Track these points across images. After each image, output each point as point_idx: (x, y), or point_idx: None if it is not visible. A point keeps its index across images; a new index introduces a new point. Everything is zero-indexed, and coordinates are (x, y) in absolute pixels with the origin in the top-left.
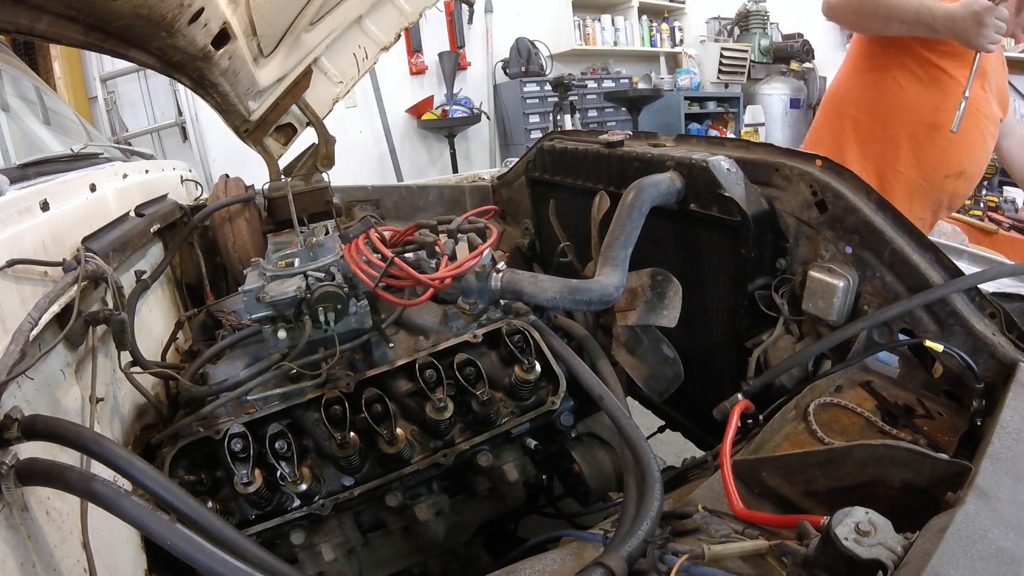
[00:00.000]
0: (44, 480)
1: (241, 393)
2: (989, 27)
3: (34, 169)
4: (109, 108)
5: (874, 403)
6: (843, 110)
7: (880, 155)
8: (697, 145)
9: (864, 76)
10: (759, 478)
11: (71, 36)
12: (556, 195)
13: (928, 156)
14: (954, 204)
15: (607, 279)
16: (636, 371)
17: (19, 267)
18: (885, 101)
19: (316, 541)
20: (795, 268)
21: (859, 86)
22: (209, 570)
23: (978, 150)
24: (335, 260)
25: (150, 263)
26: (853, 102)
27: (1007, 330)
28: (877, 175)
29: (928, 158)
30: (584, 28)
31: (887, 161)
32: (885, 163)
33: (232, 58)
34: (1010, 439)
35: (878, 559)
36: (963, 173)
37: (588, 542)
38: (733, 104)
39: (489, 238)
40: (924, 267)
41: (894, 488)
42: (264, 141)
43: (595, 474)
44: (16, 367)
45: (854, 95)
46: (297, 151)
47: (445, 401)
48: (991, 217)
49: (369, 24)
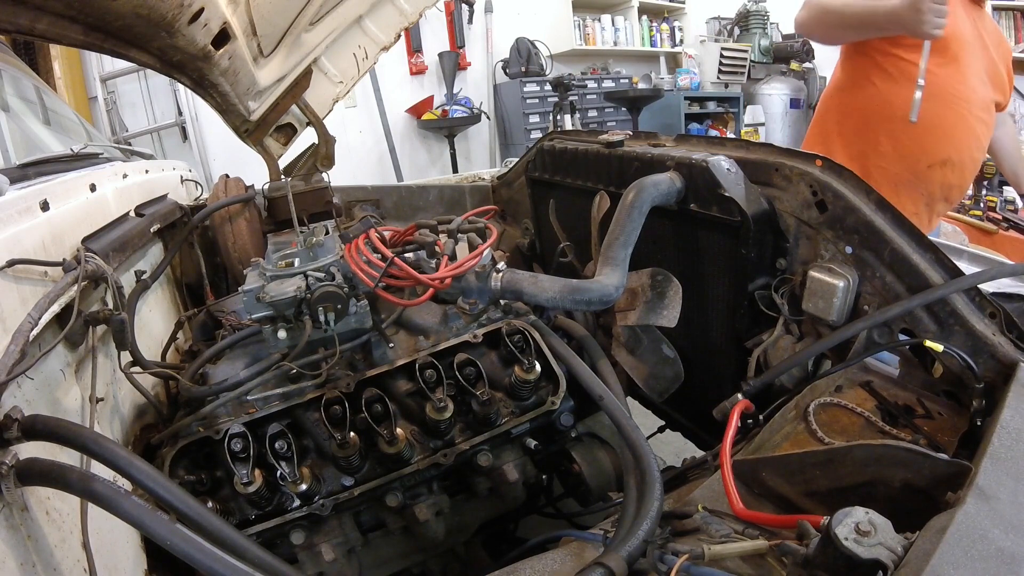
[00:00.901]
0: (44, 480)
1: (241, 393)
2: (927, 12)
3: (34, 169)
4: (109, 108)
5: (874, 403)
6: (828, 114)
7: (863, 153)
8: (697, 145)
9: (843, 78)
10: (759, 478)
11: (71, 36)
12: (556, 195)
13: (907, 148)
14: (950, 196)
15: (607, 279)
16: (636, 371)
17: (19, 267)
18: (861, 100)
19: (316, 541)
20: (795, 268)
21: (839, 90)
22: (209, 570)
23: (961, 136)
24: (335, 260)
25: (150, 263)
26: (835, 106)
27: (1007, 330)
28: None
29: (908, 150)
30: (584, 28)
31: (870, 158)
32: (869, 160)
33: (232, 58)
34: (1010, 439)
35: (878, 559)
36: (947, 161)
37: (588, 542)
38: (733, 104)
39: (489, 238)
40: (924, 267)
41: (894, 488)
42: (264, 141)
43: (595, 474)
44: (16, 367)
45: (836, 99)
46: (297, 151)
47: (445, 401)
48: (991, 217)
49: (369, 24)
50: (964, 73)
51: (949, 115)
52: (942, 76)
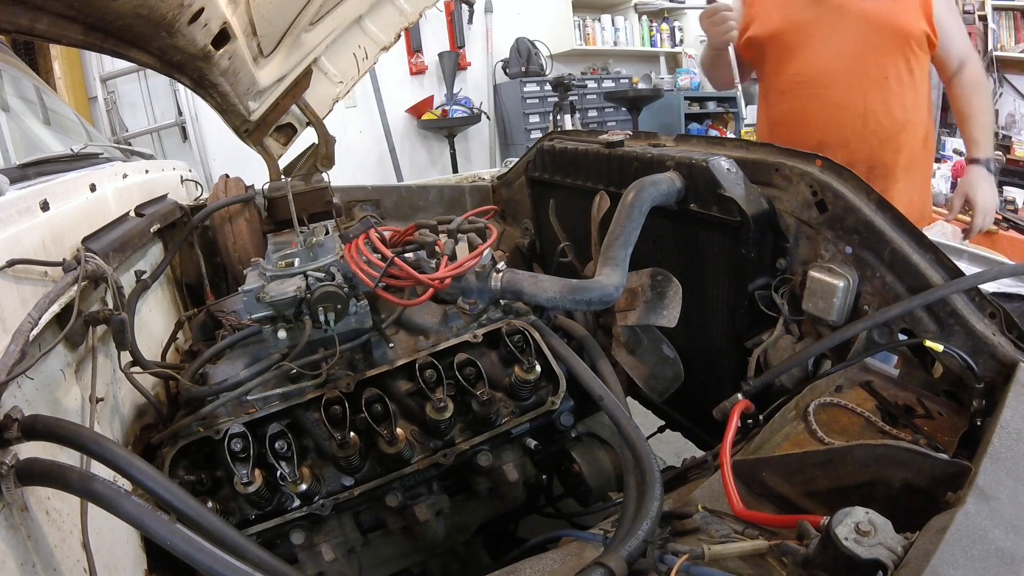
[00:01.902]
0: (44, 480)
1: (241, 393)
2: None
3: (34, 169)
4: (109, 108)
5: (874, 403)
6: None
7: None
8: (697, 145)
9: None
10: (759, 478)
11: (71, 36)
12: (556, 195)
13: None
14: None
15: (607, 279)
16: (636, 371)
17: (19, 267)
18: (761, 122)
19: (316, 541)
20: (795, 268)
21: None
22: (209, 570)
23: (828, 116)
24: (335, 260)
25: (150, 263)
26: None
27: (1007, 330)
28: None
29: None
30: (584, 28)
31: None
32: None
33: (232, 58)
34: (1010, 439)
35: (878, 559)
36: (823, 144)
37: (588, 542)
38: (733, 104)
39: (489, 238)
40: (924, 267)
41: (894, 488)
42: (264, 141)
43: (595, 474)
44: (16, 367)
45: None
46: (297, 151)
47: (445, 401)
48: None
49: (369, 24)
50: (810, 57)
51: (799, 104)
52: (786, 69)
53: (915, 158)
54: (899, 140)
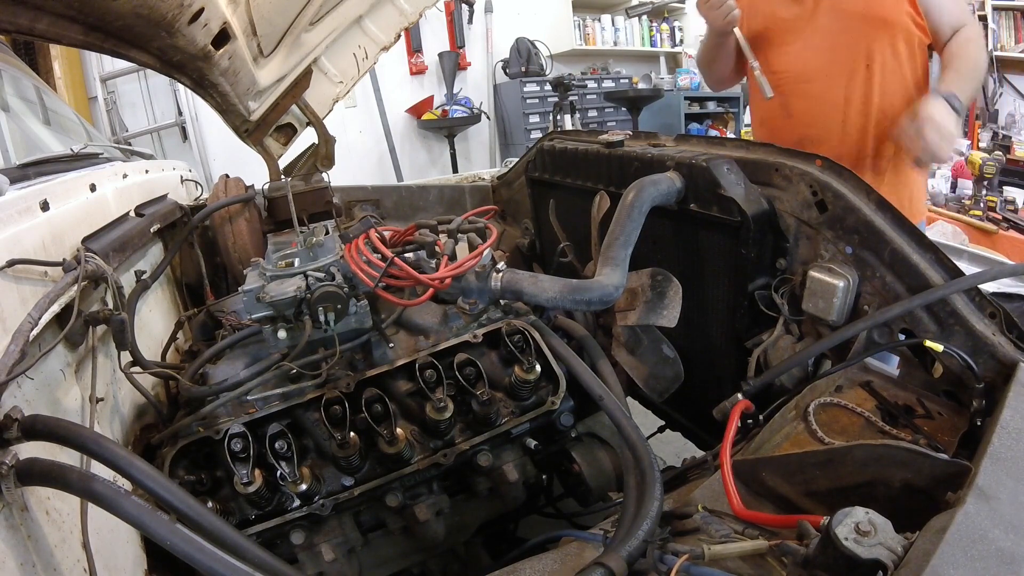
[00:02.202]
0: (44, 480)
1: (241, 393)
2: (707, 10)
3: (34, 169)
4: (109, 108)
5: (874, 403)
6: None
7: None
8: (697, 145)
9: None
10: (759, 478)
11: (71, 36)
12: (556, 195)
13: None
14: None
15: (607, 279)
16: (636, 371)
17: (19, 267)
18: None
19: (316, 541)
20: (795, 268)
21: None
22: (209, 570)
23: (811, 113)
24: (335, 260)
25: (150, 263)
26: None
27: (1007, 330)
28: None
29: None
30: (584, 28)
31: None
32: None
33: (232, 58)
34: (1010, 439)
35: (878, 559)
36: (805, 139)
37: (588, 542)
38: (733, 104)
39: (489, 238)
40: (924, 267)
41: (894, 488)
42: (264, 141)
43: (595, 474)
44: (16, 367)
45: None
46: (297, 151)
47: (445, 401)
48: (991, 217)
49: (369, 24)
50: (792, 53)
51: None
52: (771, 68)
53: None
54: (883, 129)
